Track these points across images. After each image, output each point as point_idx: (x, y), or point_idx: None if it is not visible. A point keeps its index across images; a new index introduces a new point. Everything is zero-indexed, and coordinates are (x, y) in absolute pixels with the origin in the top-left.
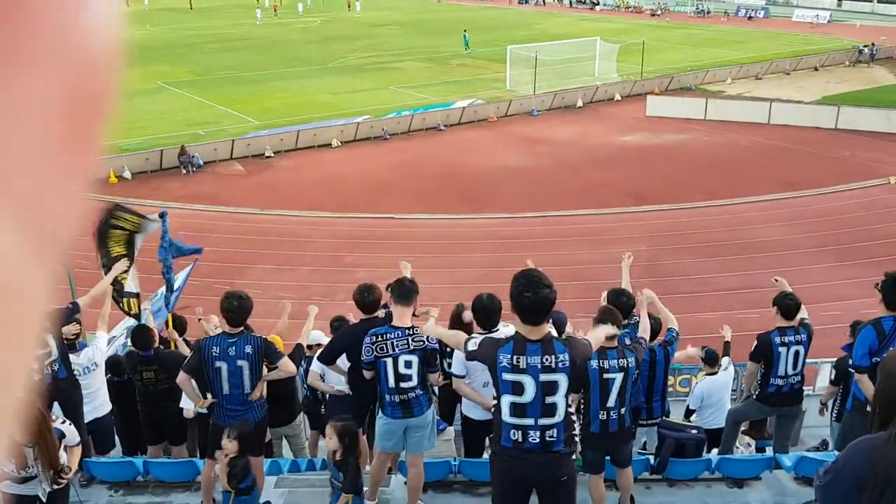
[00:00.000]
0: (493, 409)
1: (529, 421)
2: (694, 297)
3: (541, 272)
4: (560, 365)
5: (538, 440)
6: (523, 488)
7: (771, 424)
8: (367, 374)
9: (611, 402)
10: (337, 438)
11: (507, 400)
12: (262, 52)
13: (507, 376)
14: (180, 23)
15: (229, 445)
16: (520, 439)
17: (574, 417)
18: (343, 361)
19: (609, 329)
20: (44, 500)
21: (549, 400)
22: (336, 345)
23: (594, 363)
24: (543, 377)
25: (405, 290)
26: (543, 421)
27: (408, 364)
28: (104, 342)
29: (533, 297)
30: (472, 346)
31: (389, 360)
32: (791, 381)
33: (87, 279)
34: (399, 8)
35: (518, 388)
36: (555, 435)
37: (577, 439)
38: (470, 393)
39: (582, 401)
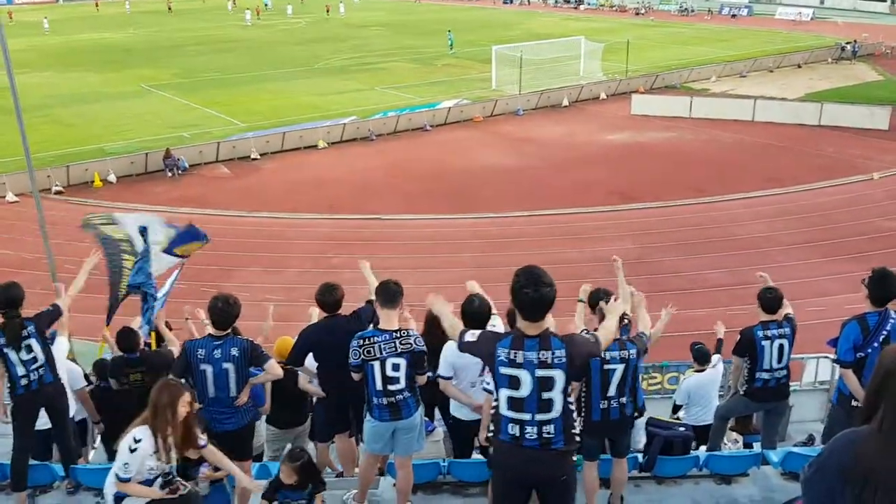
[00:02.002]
0: (494, 403)
1: (526, 416)
2: (682, 294)
3: (542, 270)
4: (556, 361)
5: (536, 436)
6: (522, 485)
7: (758, 419)
8: (356, 377)
9: (611, 392)
10: (296, 477)
11: (504, 394)
12: (246, 54)
13: (504, 370)
14: (163, 25)
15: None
16: (517, 434)
17: (573, 409)
18: (311, 362)
19: (619, 310)
20: (204, 493)
21: (545, 395)
22: (301, 346)
23: None
24: (539, 373)
25: (390, 293)
26: (540, 416)
27: (395, 367)
28: (61, 349)
29: (533, 294)
30: (469, 337)
31: (377, 364)
32: (777, 375)
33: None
34: (384, 9)
35: (515, 383)
36: (552, 431)
37: (577, 438)
38: (457, 394)
39: (583, 390)
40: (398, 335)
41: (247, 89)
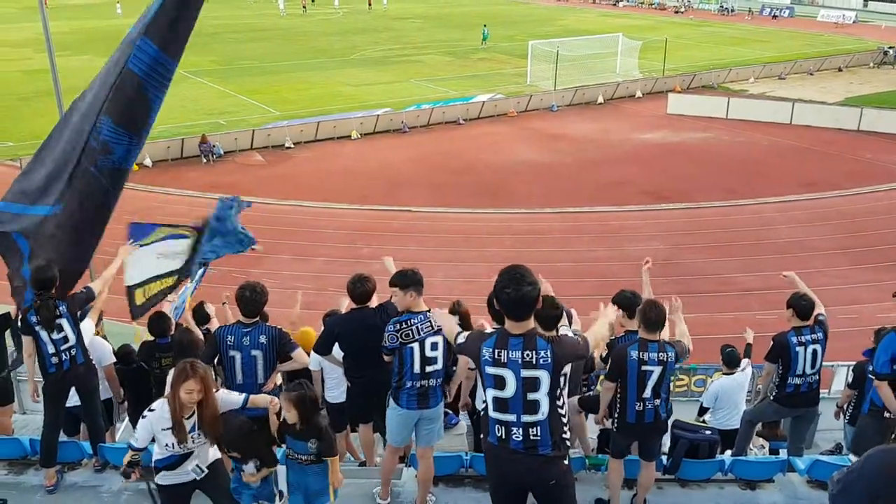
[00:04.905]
0: (482, 404)
1: (512, 417)
2: (712, 297)
3: (526, 269)
4: (541, 361)
5: (521, 438)
6: (514, 488)
7: (785, 426)
8: (387, 359)
9: (647, 394)
10: (295, 410)
11: (490, 394)
12: (284, 43)
13: (490, 370)
14: (202, 12)
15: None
16: (503, 436)
17: (564, 414)
18: (338, 352)
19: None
20: (198, 478)
21: (530, 396)
22: (329, 334)
23: (634, 354)
24: (524, 373)
25: (417, 278)
26: (526, 418)
27: (434, 346)
28: (87, 330)
29: (514, 293)
30: (461, 339)
31: (416, 345)
32: (809, 380)
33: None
34: (424, 1)
35: (500, 383)
36: (539, 434)
37: (568, 443)
38: (459, 377)
39: (618, 391)
40: (431, 314)
41: (283, 78)
